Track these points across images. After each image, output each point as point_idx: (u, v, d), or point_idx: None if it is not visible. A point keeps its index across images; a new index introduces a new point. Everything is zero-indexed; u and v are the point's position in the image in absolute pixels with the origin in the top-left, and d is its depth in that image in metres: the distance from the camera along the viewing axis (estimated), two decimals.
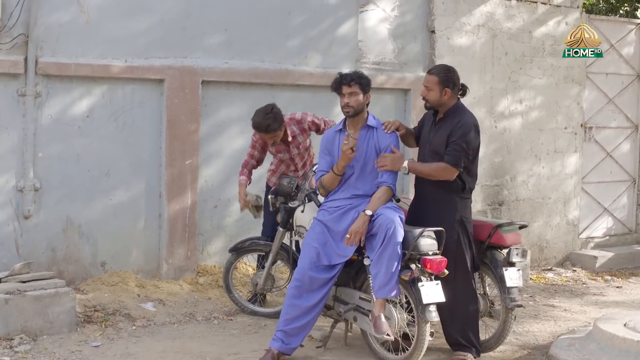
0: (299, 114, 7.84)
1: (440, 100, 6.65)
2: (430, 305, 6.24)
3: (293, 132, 7.78)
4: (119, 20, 8.18)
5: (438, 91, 6.63)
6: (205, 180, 8.76)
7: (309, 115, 7.84)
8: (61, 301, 7.10)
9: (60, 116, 7.95)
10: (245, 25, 8.82)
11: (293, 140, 7.80)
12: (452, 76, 6.69)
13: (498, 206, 10.58)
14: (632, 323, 6.82)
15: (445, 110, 6.69)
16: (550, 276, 10.51)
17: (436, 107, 6.71)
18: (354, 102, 6.60)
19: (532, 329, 8.00)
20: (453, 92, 6.67)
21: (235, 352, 6.89)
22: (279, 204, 7.37)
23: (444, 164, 6.53)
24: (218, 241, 8.92)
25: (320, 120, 7.89)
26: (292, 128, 7.78)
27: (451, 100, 6.68)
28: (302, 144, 7.87)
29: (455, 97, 6.71)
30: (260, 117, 7.54)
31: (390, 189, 6.60)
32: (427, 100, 6.71)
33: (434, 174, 6.60)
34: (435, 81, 6.64)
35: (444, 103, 6.66)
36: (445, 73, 6.69)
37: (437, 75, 6.67)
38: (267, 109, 7.57)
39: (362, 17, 9.52)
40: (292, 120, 7.79)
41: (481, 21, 10.30)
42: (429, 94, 6.67)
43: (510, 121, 10.64)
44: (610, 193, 11.85)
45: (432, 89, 6.65)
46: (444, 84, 6.62)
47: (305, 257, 6.58)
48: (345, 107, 6.62)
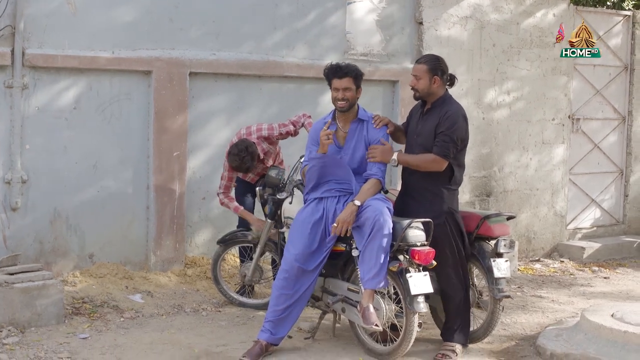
0: (264, 129, 7.85)
1: (429, 89, 6.66)
2: (418, 297, 6.25)
3: (263, 149, 7.86)
4: (106, 12, 8.15)
5: (427, 79, 6.64)
6: (193, 171, 8.75)
7: (274, 129, 7.84)
8: (49, 293, 7.09)
9: (48, 108, 7.93)
10: (233, 16, 8.81)
11: (265, 155, 7.90)
12: (440, 64, 6.71)
13: (486, 197, 10.60)
14: (619, 314, 6.83)
15: (433, 100, 6.69)
16: (538, 267, 10.53)
17: (425, 96, 6.72)
18: (349, 96, 6.60)
19: (519, 319, 8.02)
20: (442, 80, 6.68)
21: (223, 343, 6.89)
22: (267, 196, 7.37)
23: (433, 155, 6.54)
24: (206, 233, 8.91)
25: (287, 125, 7.88)
26: (262, 146, 7.85)
27: (440, 90, 6.69)
28: (273, 154, 8.00)
29: (443, 86, 6.72)
30: (238, 161, 7.59)
31: (380, 182, 6.61)
32: (417, 89, 6.71)
33: (424, 166, 6.61)
34: (424, 69, 6.65)
35: (433, 92, 6.67)
36: (433, 61, 6.71)
37: (426, 63, 6.68)
38: (241, 151, 7.59)
39: (350, 9, 9.51)
40: (260, 139, 7.81)
41: (469, 12, 10.30)
42: (418, 83, 6.68)
43: (498, 112, 10.65)
44: (597, 184, 11.87)
45: (421, 78, 6.65)
46: (433, 71, 6.63)
47: (292, 248, 6.58)
48: (340, 101, 6.61)
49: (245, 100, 8.96)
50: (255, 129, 7.86)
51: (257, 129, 7.86)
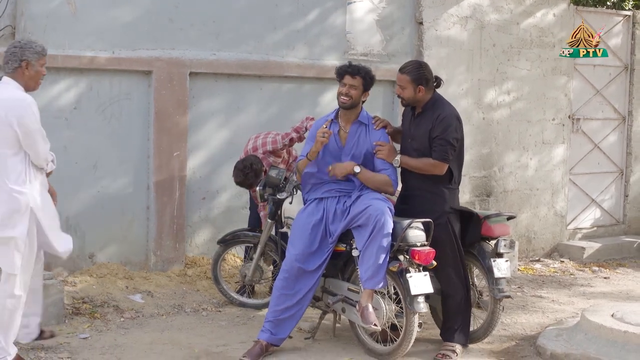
0: (269, 144, 7.89)
1: (415, 98, 6.65)
2: (418, 297, 6.26)
3: (269, 163, 7.90)
4: (106, 12, 8.15)
5: (412, 89, 6.62)
6: (193, 172, 8.75)
7: (278, 142, 7.87)
8: (49, 293, 7.08)
9: (48, 108, 7.91)
10: (233, 16, 8.81)
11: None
12: (423, 72, 6.66)
13: (486, 197, 10.60)
14: (619, 314, 6.84)
15: (422, 105, 6.69)
16: (538, 267, 10.53)
17: (412, 104, 6.72)
18: (353, 94, 6.61)
19: (520, 319, 8.02)
20: (427, 88, 6.65)
21: (223, 343, 6.89)
22: (267, 196, 7.37)
23: (433, 160, 6.54)
24: (206, 233, 8.91)
25: (290, 134, 7.89)
26: (269, 160, 7.92)
27: (427, 95, 6.67)
28: (281, 162, 8.03)
29: (430, 91, 6.70)
30: (241, 177, 7.69)
31: (390, 180, 6.62)
32: (402, 98, 6.71)
33: (425, 169, 6.62)
34: (407, 80, 6.62)
35: (420, 99, 6.66)
36: (416, 71, 6.66)
37: (409, 74, 6.64)
38: (245, 168, 7.67)
39: (350, 9, 9.51)
40: (265, 154, 7.89)
41: (469, 12, 10.29)
42: (403, 92, 6.67)
43: (498, 112, 10.65)
44: (597, 184, 11.87)
45: (405, 87, 6.64)
46: (416, 82, 6.60)
47: (293, 249, 6.59)
48: (343, 96, 6.62)
49: (245, 100, 8.96)
50: (261, 144, 7.91)
51: (262, 143, 7.91)
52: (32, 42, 6.17)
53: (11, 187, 5.88)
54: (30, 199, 5.95)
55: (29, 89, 6.13)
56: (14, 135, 5.89)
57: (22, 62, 6.04)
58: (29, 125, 5.91)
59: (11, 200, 5.90)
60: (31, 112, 5.95)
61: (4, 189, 5.89)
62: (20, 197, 5.90)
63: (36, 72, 6.12)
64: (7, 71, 6.08)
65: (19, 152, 5.93)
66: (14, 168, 5.91)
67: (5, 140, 5.89)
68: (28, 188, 5.95)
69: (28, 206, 5.94)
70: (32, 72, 6.09)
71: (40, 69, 6.15)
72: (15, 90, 6.02)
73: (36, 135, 5.98)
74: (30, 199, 5.96)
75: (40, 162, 6.06)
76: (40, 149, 6.03)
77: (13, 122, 5.86)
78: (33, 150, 5.98)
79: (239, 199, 8.91)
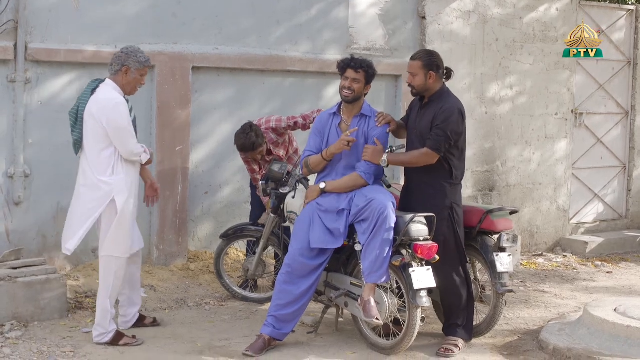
0: (272, 121, 7.96)
1: (425, 85, 6.66)
2: (421, 291, 6.26)
3: (271, 139, 7.96)
4: (109, 6, 8.14)
5: (423, 75, 6.64)
6: (195, 166, 8.75)
7: (282, 121, 7.93)
8: (52, 287, 7.11)
9: (50, 102, 7.92)
10: (236, 11, 8.80)
11: (274, 146, 8.01)
12: (435, 59, 6.71)
13: (489, 192, 10.59)
14: (622, 308, 6.84)
15: (430, 95, 6.70)
16: (541, 262, 10.53)
17: (422, 92, 6.73)
18: (356, 88, 6.62)
19: (522, 314, 8.02)
20: (438, 75, 6.68)
21: (226, 337, 6.90)
22: (270, 190, 7.37)
23: (424, 149, 6.55)
24: (209, 227, 8.91)
25: (296, 117, 7.95)
26: (270, 136, 7.96)
27: (436, 84, 6.69)
28: (282, 144, 8.06)
29: (440, 80, 6.72)
30: (243, 138, 7.76)
31: (359, 177, 6.62)
32: (413, 86, 6.72)
33: (415, 161, 6.63)
34: (419, 66, 6.65)
35: (430, 87, 6.67)
36: (428, 57, 6.72)
37: (421, 59, 6.69)
38: (245, 129, 7.78)
39: (352, 3, 9.50)
40: (268, 130, 7.94)
41: (472, 7, 10.28)
42: (414, 79, 6.69)
43: (501, 107, 10.64)
44: (600, 179, 11.86)
45: (416, 74, 6.66)
46: (428, 67, 6.64)
47: (296, 243, 6.59)
48: (346, 90, 6.63)
49: (247, 94, 8.95)
50: (264, 121, 7.98)
51: (266, 120, 7.99)
52: (139, 51, 6.68)
53: (98, 179, 6.47)
54: (114, 189, 6.47)
55: (125, 92, 6.67)
56: (104, 132, 6.43)
57: (123, 67, 6.58)
58: (116, 123, 6.43)
59: (96, 189, 6.48)
60: (118, 111, 6.46)
61: (91, 179, 6.50)
62: (105, 187, 6.47)
63: (134, 79, 6.64)
64: (111, 73, 6.65)
65: (109, 147, 6.47)
66: (102, 161, 6.48)
67: (97, 136, 6.47)
68: (114, 179, 6.48)
69: (111, 195, 6.47)
70: (130, 78, 6.62)
71: (138, 78, 6.67)
72: (110, 92, 6.56)
73: (122, 132, 6.47)
74: (115, 189, 6.47)
75: (128, 156, 6.54)
76: (128, 144, 6.50)
77: (102, 120, 6.42)
78: (121, 146, 6.48)
79: (241, 193, 8.92)
